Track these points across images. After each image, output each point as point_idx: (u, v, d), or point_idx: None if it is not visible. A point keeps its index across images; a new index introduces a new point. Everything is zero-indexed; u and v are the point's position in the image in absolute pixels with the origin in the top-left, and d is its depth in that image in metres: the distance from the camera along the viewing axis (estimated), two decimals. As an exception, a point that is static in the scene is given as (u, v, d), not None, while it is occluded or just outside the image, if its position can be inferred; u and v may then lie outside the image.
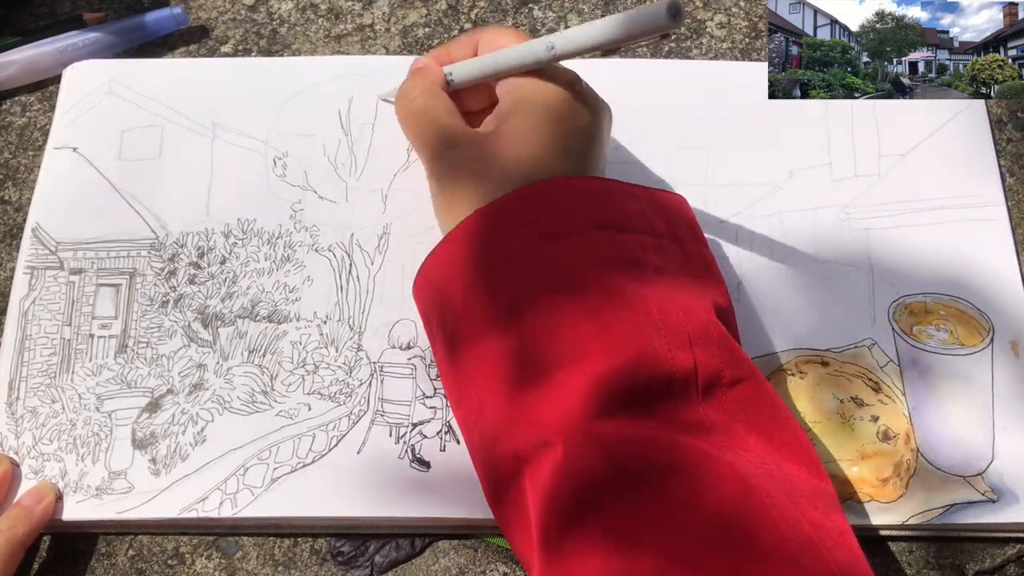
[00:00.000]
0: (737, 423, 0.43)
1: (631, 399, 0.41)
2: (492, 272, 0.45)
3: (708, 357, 0.43)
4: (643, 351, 0.42)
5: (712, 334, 0.44)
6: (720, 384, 0.43)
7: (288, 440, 0.54)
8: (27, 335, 0.57)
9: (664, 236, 0.48)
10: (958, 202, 0.60)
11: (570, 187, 0.47)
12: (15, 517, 0.51)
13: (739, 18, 0.68)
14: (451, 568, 0.53)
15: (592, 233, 0.45)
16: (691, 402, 0.42)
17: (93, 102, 0.63)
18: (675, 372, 0.42)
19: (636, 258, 0.45)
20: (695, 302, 0.45)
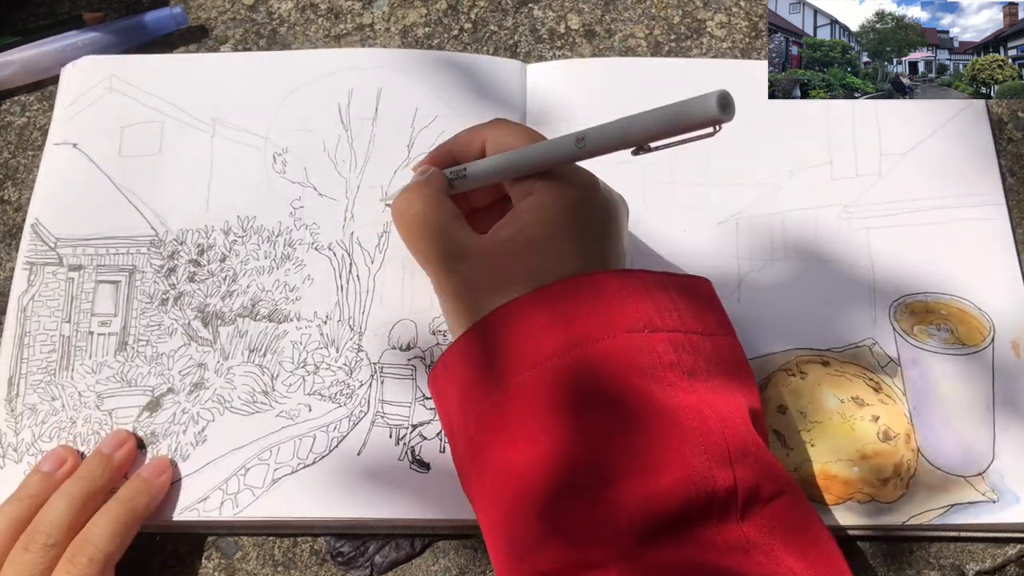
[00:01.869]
0: (776, 541, 0.41)
1: (675, 521, 0.40)
2: (520, 376, 0.44)
3: (747, 473, 0.41)
4: (685, 471, 0.40)
5: (750, 448, 0.43)
6: (759, 500, 0.42)
7: (289, 441, 0.54)
8: (26, 331, 0.57)
9: (695, 331, 0.46)
10: (959, 201, 0.60)
11: (597, 284, 0.46)
12: (136, 489, 0.51)
13: (739, 18, 0.68)
14: (451, 568, 0.53)
15: (622, 336, 0.44)
16: (731, 521, 0.41)
17: (93, 98, 0.63)
18: (716, 492, 0.40)
19: (670, 361, 0.43)
20: (731, 411, 0.44)
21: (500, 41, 0.68)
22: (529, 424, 0.43)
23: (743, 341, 0.54)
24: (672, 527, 0.40)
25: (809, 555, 0.42)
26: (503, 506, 0.44)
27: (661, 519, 0.40)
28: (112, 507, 0.50)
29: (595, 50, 0.67)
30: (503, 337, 0.45)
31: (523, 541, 0.42)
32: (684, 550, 0.40)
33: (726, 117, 0.40)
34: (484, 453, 0.45)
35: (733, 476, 0.41)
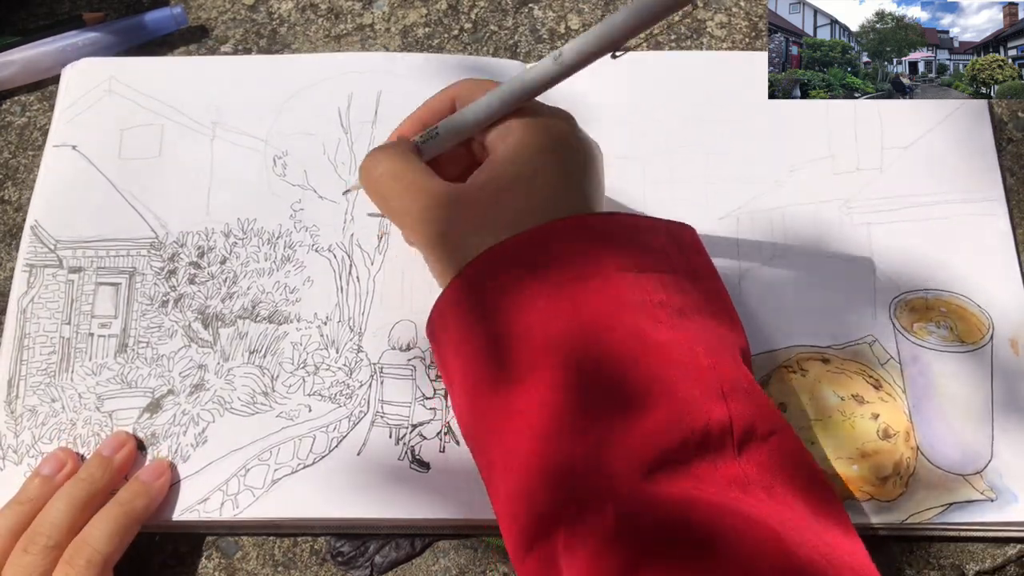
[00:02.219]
0: (773, 478, 0.41)
1: (670, 456, 0.40)
2: (514, 317, 0.44)
3: (742, 408, 0.42)
4: (679, 404, 0.41)
5: (743, 383, 0.43)
6: (755, 437, 0.42)
7: (289, 441, 0.54)
8: (26, 333, 0.57)
9: (683, 273, 0.46)
10: (960, 197, 0.60)
11: (586, 225, 0.46)
12: (134, 491, 0.52)
13: (739, 18, 0.68)
14: (451, 568, 0.53)
15: (614, 276, 0.44)
16: (728, 457, 0.41)
17: (93, 100, 0.63)
18: (711, 425, 0.40)
19: (660, 300, 0.44)
20: (721, 348, 0.44)
21: (500, 41, 0.68)
22: (520, 366, 0.43)
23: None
24: (669, 462, 0.40)
25: (809, 495, 0.42)
26: (496, 448, 0.44)
27: (657, 454, 0.40)
28: (111, 509, 0.50)
29: (595, 49, 0.67)
30: (495, 281, 0.45)
31: (522, 484, 0.42)
32: (681, 484, 0.40)
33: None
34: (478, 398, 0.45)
35: (728, 410, 0.41)
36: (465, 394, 0.46)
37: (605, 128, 0.62)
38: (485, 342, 0.44)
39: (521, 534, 0.42)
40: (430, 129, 0.51)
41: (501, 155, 0.48)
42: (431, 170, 0.50)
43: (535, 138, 0.48)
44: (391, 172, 0.50)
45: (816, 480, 0.43)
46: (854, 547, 0.41)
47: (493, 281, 0.45)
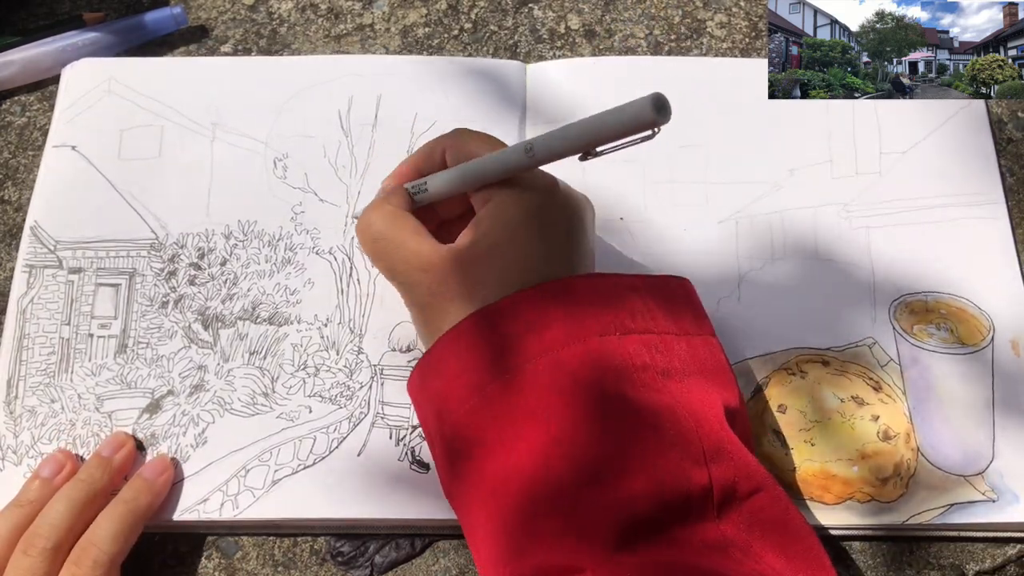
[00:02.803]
0: (754, 538, 0.41)
1: (650, 523, 0.40)
2: (495, 381, 0.44)
3: (723, 471, 0.42)
4: (659, 472, 0.41)
5: (725, 446, 0.43)
6: (735, 498, 0.42)
7: (289, 442, 0.54)
8: (25, 333, 0.57)
9: (669, 332, 0.46)
10: (959, 200, 0.60)
11: (568, 289, 0.46)
12: (138, 489, 0.52)
13: (739, 18, 0.68)
14: (451, 568, 0.53)
15: (594, 341, 0.44)
16: (708, 520, 0.41)
17: (92, 100, 0.63)
18: (691, 491, 0.41)
19: (643, 363, 0.44)
20: (706, 409, 0.44)
21: (500, 41, 0.68)
22: (503, 431, 0.43)
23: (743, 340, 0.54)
24: (648, 528, 0.40)
25: (789, 551, 0.42)
26: (481, 514, 0.44)
27: (637, 521, 0.40)
28: (115, 508, 0.50)
29: (595, 50, 0.67)
30: (473, 347, 0.45)
31: (503, 548, 0.42)
32: (660, 550, 0.40)
33: (662, 119, 0.40)
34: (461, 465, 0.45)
35: (708, 475, 0.41)
36: (445, 457, 0.46)
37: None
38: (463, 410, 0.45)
39: None
40: (419, 182, 0.52)
41: (481, 220, 0.49)
42: (421, 228, 0.50)
43: (513, 205, 0.48)
44: (383, 234, 0.50)
45: (799, 534, 0.43)
46: None
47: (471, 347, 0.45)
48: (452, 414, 0.45)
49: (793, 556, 0.42)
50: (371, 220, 0.51)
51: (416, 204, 0.52)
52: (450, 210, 0.54)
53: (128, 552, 0.50)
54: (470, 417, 0.45)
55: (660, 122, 0.41)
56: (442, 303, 0.48)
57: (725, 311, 0.57)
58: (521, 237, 0.48)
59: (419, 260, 0.49)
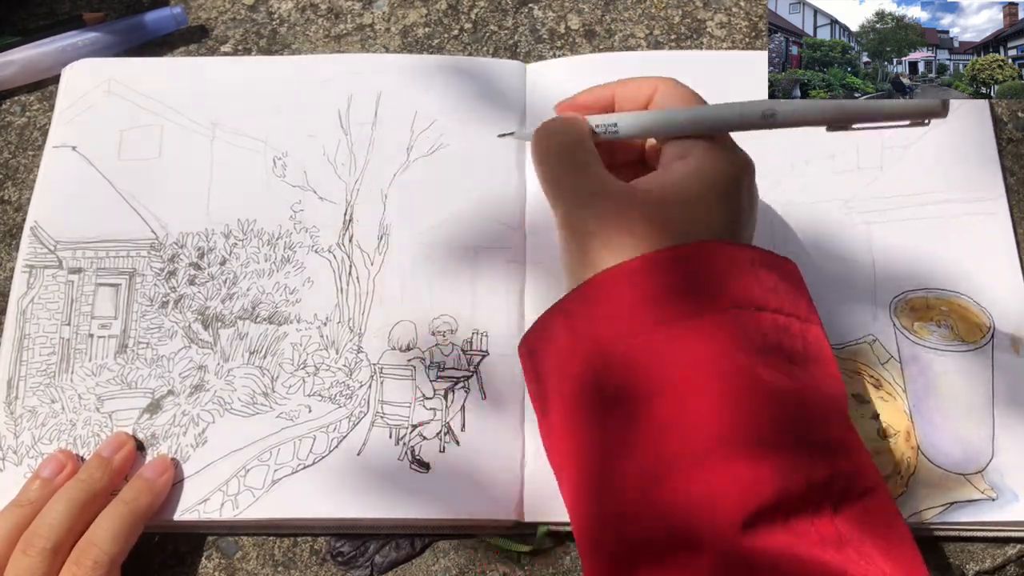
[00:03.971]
0: (866, 536, 0.41)
1: (772, 510, 0.39)
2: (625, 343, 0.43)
3: (844, 466, 0.41)
4: (787, 459, 0.40)
5: (847, 440, 0.42)
6: (851, 495, 0.41)
7: (289, 442, 0.54)
8: (25, 334, 0.57)
9: (792, 315, 0.45)
10: (960, 197, 0.60)
11: (709, 252, 0.44)
12: (138, 489, 0.52)
13: (739, 18, 0.68)
14: (451, 568, 0.53)
15: (733, 313, 0.43)
16: (824, 514, 0.40)
17: (92, 101, 0.63)
18: (813, 482, 0.40)
19: (773, 343, 0.43)
20: (828, 400, 0.43)
21: (500, 41, 0.68)
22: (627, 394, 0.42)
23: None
24: (770, 516, 0.39)
25: (895, 555, 0.41)
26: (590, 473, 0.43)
27: (760, 507, 0.39)
28: (115, 508, 0.50)
29: (595, 50, 0.67)
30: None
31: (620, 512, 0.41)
32: (780, 539, 0.39)
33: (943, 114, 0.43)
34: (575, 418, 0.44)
35: (832, 468, 0.41)
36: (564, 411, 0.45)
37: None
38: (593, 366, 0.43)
39: (605, 560, 0.42)
40: (608, 123, 0.50)
41: (674, 174, 0.47)
42: (600, 159, 0.49)
43: (714, 168, 0.47)
44: (567, 147, 0.49)
45: (904, 541, 0.42)
46: None
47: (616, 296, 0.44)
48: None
49: (900, 563, 0.41)
50: (557, 133, 0.50)
51: (598, 140, 0.50)
52: (625, 156, 0.52)
53: (128, 552, 0.50)
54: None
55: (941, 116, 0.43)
56: (613, 235, 0.45)
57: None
58: (714, 200, 0.46)
59: (600, 186, 0.47)
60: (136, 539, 0.51)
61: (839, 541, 0.40)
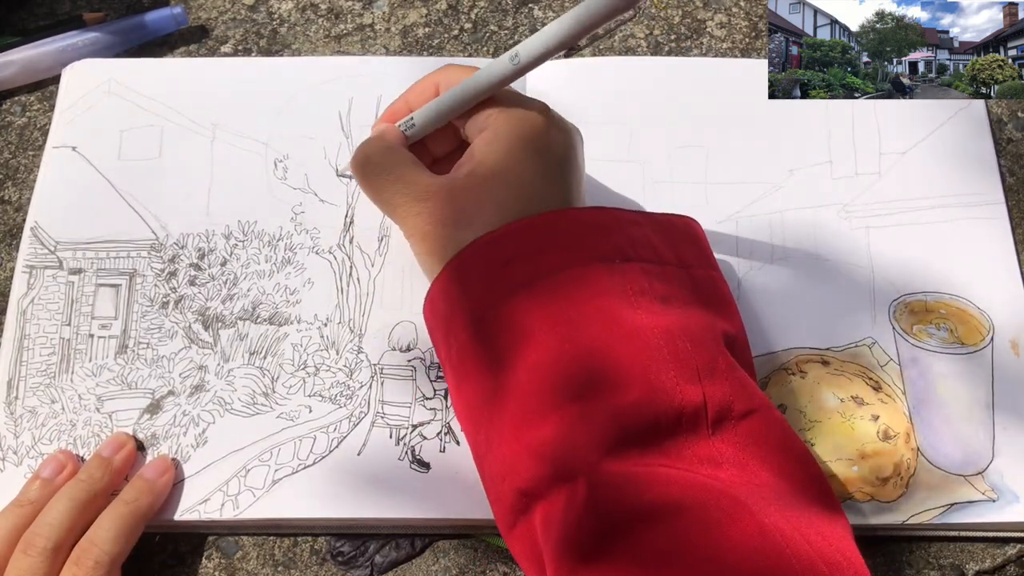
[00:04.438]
0: (749, 456, 0.42)
1: (641, 434, 0.41)
2: (495, 304, 0.45)
3: (717, 390, 0.43)
4: (651, 386, 0.42)
5: (720, 366, 0.44)
6: (730, 417, 0.43)
7: (289, 442, 0.54)
8: (25, 334, 0.57)
9: (670, 263, 0.47)
10: (958, 200, 0.60)
11: (568, 218, 0.47)
12: (139, 489, 0.52)
13: (739, 18, 0.68)
14: (451, 568, 0.53)
15: (593, 265, 0.45)
16: (701, 436, 0.42)
17: (92, 101, 0.63)
18: (684, 406, 0.42)
19: (641, 288, 0.45)
20: (703, 332, 0.45)
21: (500, 41, 0.68)
22: (500, 350, 0.44)
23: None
24: (639, 440, 0.41)
25: (785, 471, 0.43)
26: (483, 431, 0.45)
27: (628, 432, 0.41)
28: (116, 508, 0.50)
29: (595, 50, 0.67)
30: (477, 272, 0.46)
31: (503, 463, 0.43)
32: (651, 460, 0.41)
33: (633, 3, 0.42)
34: (465, 382, 0.46)
35: (702, 392, 0.42)
36: (452, 378, 0.47)
37: (606, 130, 0.63)
38: (468, 333, 0.46)
39: (505, 511, 0.44)
40: (406, 119, 0.53)
41: (478, 148, 0.49)
42: (417, 161, 0.51)
43: (509, 132, 0.49)
44: (379, 166, 0.51)
45: (799, 458, 0.44)
46: (833, 524, 0.42)
47: (474, 275, 0.46)
48: (458, 338, 0.46)
49: (790, 477, 0.43)
50: (367, 154, 0.52)
51: (409, 141, 0.53)
52: (442, 146, 0.55)
53: (129, 552, 0.50)
54: (474, 342, 0.45)
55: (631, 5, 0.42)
56: (443, 231, 0.48)
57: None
58: (519, 161, 0.48)
59: (417, 190, 0.49)
60: (136, 539, 0.51)
61: (715, 460, 0.41)
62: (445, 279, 0.47)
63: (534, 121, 0.49)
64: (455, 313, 0.46)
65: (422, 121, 0.52)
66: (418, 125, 0.52)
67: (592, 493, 0.40)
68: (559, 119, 0.51)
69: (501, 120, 0.49)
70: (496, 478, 0.44)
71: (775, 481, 0.42)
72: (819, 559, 0.39)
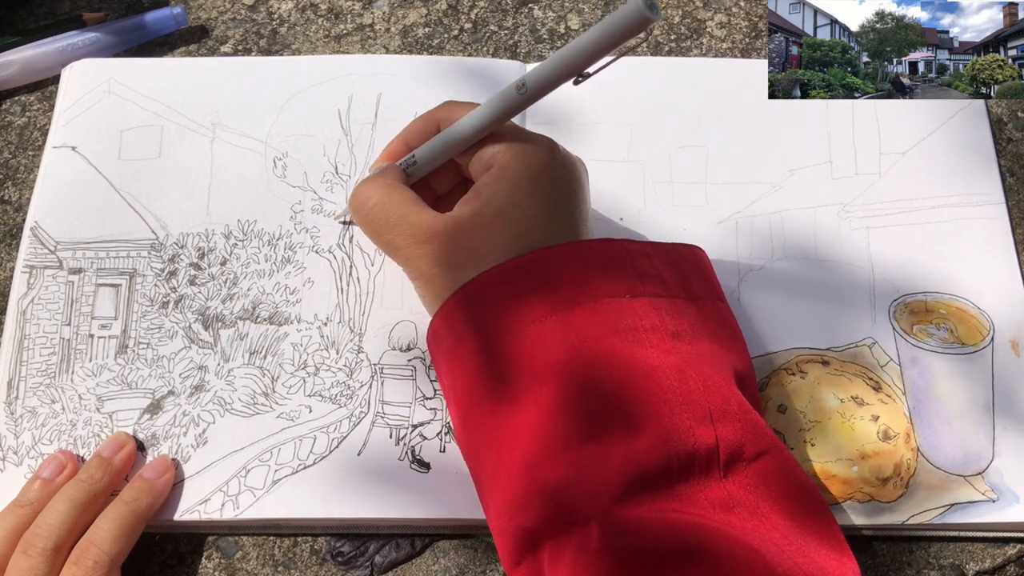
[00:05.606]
0: (760, 498, 0.42)
1: (655, 478, 0.41)
2: (504, 339, 0.44)
3: (729, 432, 0.42)
4: (664, 429, 0.41)
5: (732, 406, 0.43)
6: (742, 459, 0.42)
7: (289, 442, 0.54)
8: (26, 334, 0.57)
9: (679, 296, 0.47)
10: (958, 200, 0.60)
11: (579, 251, 0.46)
12: (139, 489, 0.52)
13: (739, 18, 0.68)
14: (451, 568, 0.53)
15: (604, 302, 0.44)
16: (713, 479, 0.42)
17: (92, 101, 0.63)
18: (697, 449, 0.41)
19: (652, 325, 0.44)
20: (714, 370, 0.44)
21: (500, 41, 0.68)
22: (509, 387, 0.44)
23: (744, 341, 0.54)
24: (652, 484, 0.41)
25: (796, 514, 0.42)
26: (488, 465, 0.45)
27: (641, 477, 0.40)
28: (116, 508, 0.50)
29: (595, 50, 0.67)
30: (485, 304, 0.45)
31: (511, 500, 0.43)
32: (665, 506, 0.40)
33: (655, 16, 0.40)
34: (470, 416, 0.46)
35: (715, 434, 0.42)
36: (458, 411, 0.47)
37: (606, 130, 0.63)
38: (475, 365, 0.45)
39: (510, 548, 0.43)
40: (408, 157, 0.52)
41: (484, 186, 0.49)
42: (419, 200, 0.50)
43: (516, 170, 0.48)
44: (380, 206, 0.50)
45: (808, 499, 0.43)
46: (843, 566, 0.42)
47: (482, 306, 0.45)
48: (464, 371, 0.46)
49: (801, 520, 0.42)
50: (368, 195, 0.51)
51: (410, 180, 0.52)
52: (444, 184, 0.54)
53: (129, 552, 0.50)
54: (480, 376, 0.45)
55: (654, 19, 0.40)
56: (449, 273, 0.47)
57: (725, 311, 0.57)
58: (526, 198, 0.48)
59: (421, 231, 0.48)
60: (136, 539, 0.51)
61: (728, 504, 0.41)
62: (450, 310, 0.47)
63: (541, 158, 0.49)
64: (461, 346, 0.46)
65: (425, 158, 0.51)
66: (420, 162, 0.51)
67: (605, 540, 0.39)
68: (565, 154, 0.50)
69: (508, 157, 0.49)
70: (501, 514, 0.44)
71: (785, 523, 0.42)
72: None
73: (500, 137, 0.49)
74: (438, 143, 0.51)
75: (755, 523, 0.41)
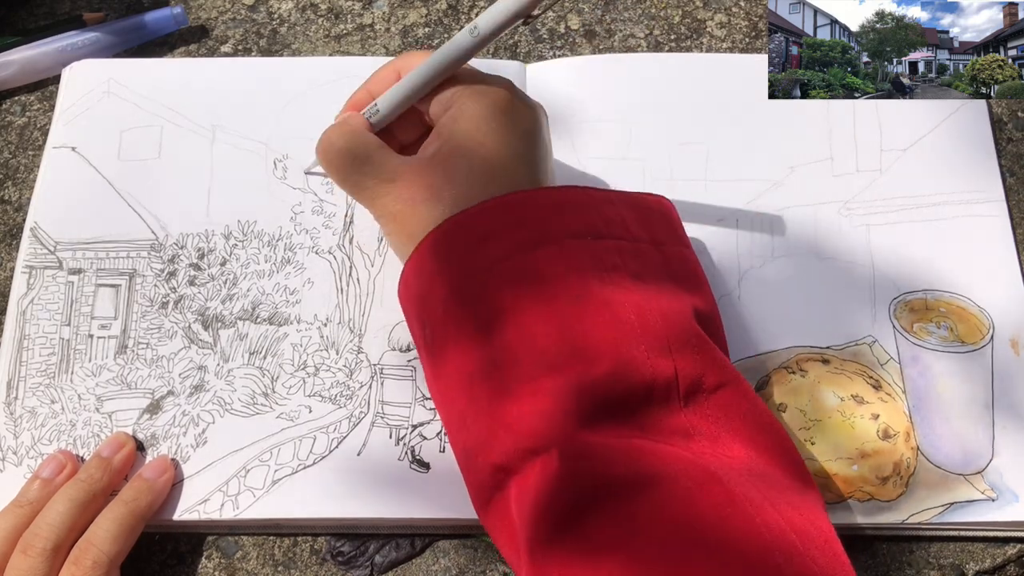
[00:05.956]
0: (721, 429, 0.43)
1: (614, 407, 0.42)
2: (470, 281, 0.45)
3: (688, 363, 0.43)
4: (623, 359, 0.42)
5: (692, 339, 0.44)
6: (702, 390, 0.43)
7: (289, 442, 0.54)
8: (25, 335, 0.57)
9: (643, 240, 0.47)
10: (959, 198, 0.60)
11: (542, 197, 0.47)
12: (138, 489, 0.52)
13: (739, 18, 0.68)
14: (451, 568, 0.53)
15: (567, 242, 0.45)
16: (673, 409, 0.42)
17: (92, 102, 0.63)
18: (655, 379, 0.42)
19: (614, 264, 0.45)
20: (674, 306, 0.45)
21: (500, 41, 0.68)
22: (475, 326, 0.44)
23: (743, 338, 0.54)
24: (612, 413, 0.42)
25: (757, 443, 0.43)
26: (457, 408, 0.45)
27: (600, 404, 0.41)
28: (115, 508, 0.50)
29: (595, 50, 0.67)
30: (452, 249, 0.46)
31: (478, 439, 0.44)
32: (624, 432, 0.41)
33: None
34: (440, 360, 0.46)
35: (673, 365, 0.43)
36: (426, 356, 0.48)
37: (606, 128, 0.63)
38: (442, 308, 0.46)
39: (478, 486, 0.44)
40: (371, 106, 0.53)
41: (444, 126, 0.50)
42: (384, 144, 0.51)
43: (473, 105, 0.49)
44: (346, 150, 0.51)
45: (770, 431, 0.44)
46: (804, 496, 0.42)
47: (451, 249, 0.46)
48: (432, 316, 0.46)
49: (760, 447, 0.43)
50: (333, 140, 0.52)
51: (375, 128, 0.53)
52: (409, 133, 0.55)
53: (128, 553, 0.50)
54: (448, 318, 0.45)
55: None
56: (413, 209, 0.48)
57: (725, 309, 0.57)
58: (486, 135, 0.48)
59: (385, 171, 0.50)
60: (135, 539, 0.51)
61: (688, 432, 0.42)
62: (419, 257, 0.47)
63: (499, 96, 0.50)
64: (430, 290, 0.47)
65: (387, 105, 0.52)
66: (383, 110, 0.52)
67: (565, 464, 0.40)
68: (523, 95, 0.51)
69: (465, 96, 0.50)
70: (471, 454, 0.45)
71: (747, 453, 0.43)
72: (790, 528, 0.39)
73: (458, 80, 0.51)
74: (398, 89, 0.51)
75: (715, 450, 0.42)
